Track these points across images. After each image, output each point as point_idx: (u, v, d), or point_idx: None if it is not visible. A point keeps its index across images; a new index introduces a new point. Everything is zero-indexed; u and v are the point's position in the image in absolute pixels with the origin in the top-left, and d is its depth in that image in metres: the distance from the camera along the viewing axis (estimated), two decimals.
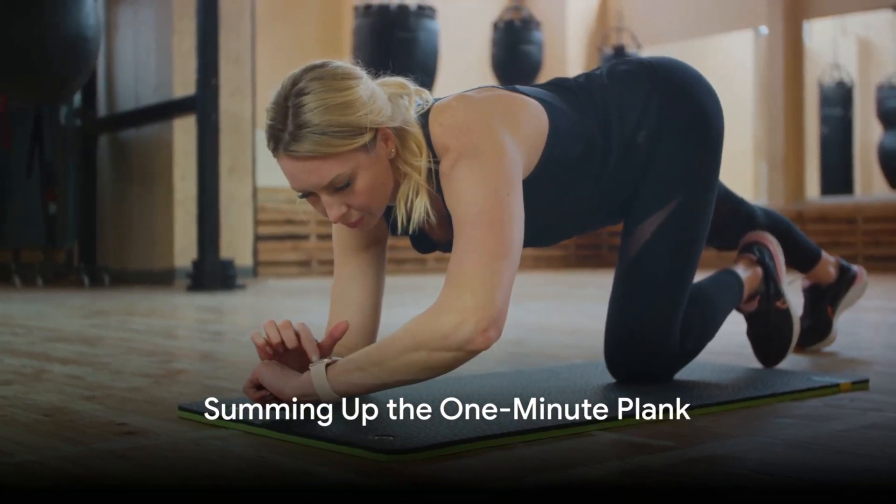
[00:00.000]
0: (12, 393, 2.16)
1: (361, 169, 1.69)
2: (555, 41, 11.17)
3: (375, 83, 1.75)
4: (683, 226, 2.04)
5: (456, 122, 1.74)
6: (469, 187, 1.68)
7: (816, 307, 2.70)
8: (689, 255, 2.05)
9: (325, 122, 1.64)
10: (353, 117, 1.65)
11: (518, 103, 1.84)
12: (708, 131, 2.06)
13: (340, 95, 1.65)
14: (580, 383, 2.08)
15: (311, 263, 8.98)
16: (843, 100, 12.05)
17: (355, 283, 1.97)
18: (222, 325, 4.09)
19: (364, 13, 8.42)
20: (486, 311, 1.60)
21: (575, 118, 1.93)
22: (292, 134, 1.65)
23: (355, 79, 1.69)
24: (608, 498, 1.24)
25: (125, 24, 8.06)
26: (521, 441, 1.56)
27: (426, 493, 1.26)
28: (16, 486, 1.32)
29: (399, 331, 1.66)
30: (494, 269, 1.62)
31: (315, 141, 1.64)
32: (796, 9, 10.30)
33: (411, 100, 1.78)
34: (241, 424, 1.70)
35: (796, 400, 1.96)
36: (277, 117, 1.68)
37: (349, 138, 1.65)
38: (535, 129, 1.83)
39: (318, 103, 1.64)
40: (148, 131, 7.72)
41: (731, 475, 1.35)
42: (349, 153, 1.66)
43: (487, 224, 1.65)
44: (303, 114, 1.64)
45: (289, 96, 1.67)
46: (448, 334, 1.60)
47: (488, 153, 1.70)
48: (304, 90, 1.66)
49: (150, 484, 1.32)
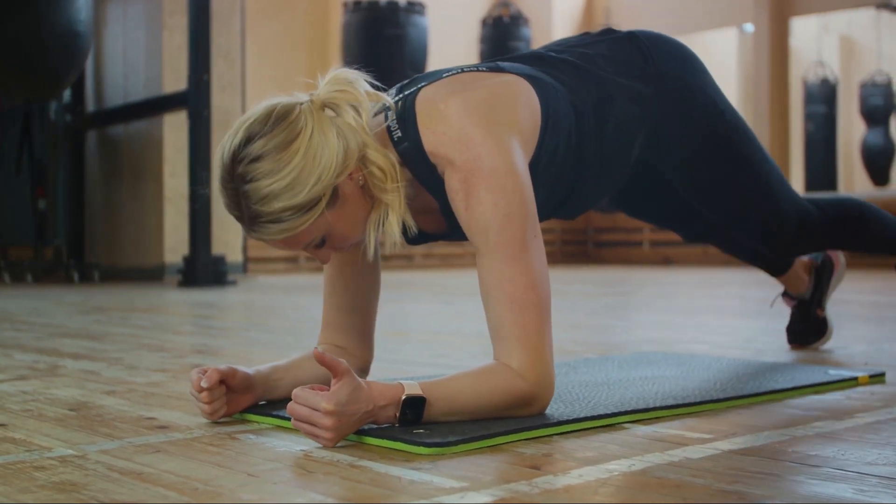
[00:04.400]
0: (32, 388, 2.15)
1: (332, 224, 1.62)
2: (541, 38, 11.18)
3: (319, 105, 1.61)
4: (723, 153, 2.07)
5: (453, 131, 1.63)
6: (488, 213, 1.60)
7: (806, 315, 2.72)
8: (748, 168, 2.10)
9: (278, 209, 1.55)
10: (305, 194, 1.55)
11: (511, 89, 1.73)
12: (695, 61, 2.07)
13: (287, 173, 1.54)
14: (601, 377, 2.09)
15: (298, 259, 8.97)
16: (827, 97, 12.13)
17: (344, 284, 1.90)
18: (224, 321, 4.08)
19: (353, 9, 8.42)
20: (541, 372, 1.60)
21: (562, 91, 1.83)
22: (250, 224, 1.59)
23: (298, 136, 1.56)
24: (656, 490, 1.25)
25: (114, 20, 8.02)
26: (557, 434, 1.58)
27: (474, 487, 1.27)
28: (74, 483, 1.32)
29: (478, 383, 1.60)
30: (530, 318, 1.60)
31: (274, 230, 1.58)
32: (782, 6, 10.35)
33: (363, 111, 1.64)
34: (272, 419, 1.70)
35: (817, 393, 1.98)
36: (229, 201, 1.59)
37: (308, 212, 1.57)
38: (531, 115, 1.73)
39: (266, 191, 1.54)
40: (138, 127, 7.69)
41: (780, 467, 1.36)
42: (314, 222, 1.59)
43: (512, 259, 1.60)
44: (252, 204, 1.56)
45: (232, 178, 1.57)
46: (526, 400, 1.61)
47: (499, 173, 1.60)
48: (246, 176, 1.55)
49: (207, 477, 1.33)
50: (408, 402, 1.52)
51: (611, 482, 1.29)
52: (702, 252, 9.69)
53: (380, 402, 1.51)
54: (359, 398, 1.48)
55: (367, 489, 1.26)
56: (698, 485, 1.26)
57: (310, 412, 1.47)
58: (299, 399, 1.49)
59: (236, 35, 7.77)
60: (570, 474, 1.32)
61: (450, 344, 3.07)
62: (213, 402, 1.69)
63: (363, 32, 8.41)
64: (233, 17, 7.71)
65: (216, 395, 1.70)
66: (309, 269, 8.94)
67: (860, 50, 14.59)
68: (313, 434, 1.49)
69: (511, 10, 9.99)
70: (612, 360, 2.38)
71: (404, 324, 3.72)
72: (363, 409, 1.49)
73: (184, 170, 7.16)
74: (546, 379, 1.60)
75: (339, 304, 1.91)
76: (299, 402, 1.49)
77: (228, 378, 1.70)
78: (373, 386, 1.51)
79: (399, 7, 8.35)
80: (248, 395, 1.75)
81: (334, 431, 1.47)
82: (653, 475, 1.32)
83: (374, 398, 1.50)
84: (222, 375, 1.69)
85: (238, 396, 1.74)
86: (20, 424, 1.73)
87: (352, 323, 1.91)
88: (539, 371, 1.59)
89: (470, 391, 1.58)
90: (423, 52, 8.52)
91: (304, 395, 1.48)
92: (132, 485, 1.29)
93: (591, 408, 1.71)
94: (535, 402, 1.61)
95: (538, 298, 1.61)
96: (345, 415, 1.47)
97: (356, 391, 1.47)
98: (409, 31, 8.42)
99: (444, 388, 1.56)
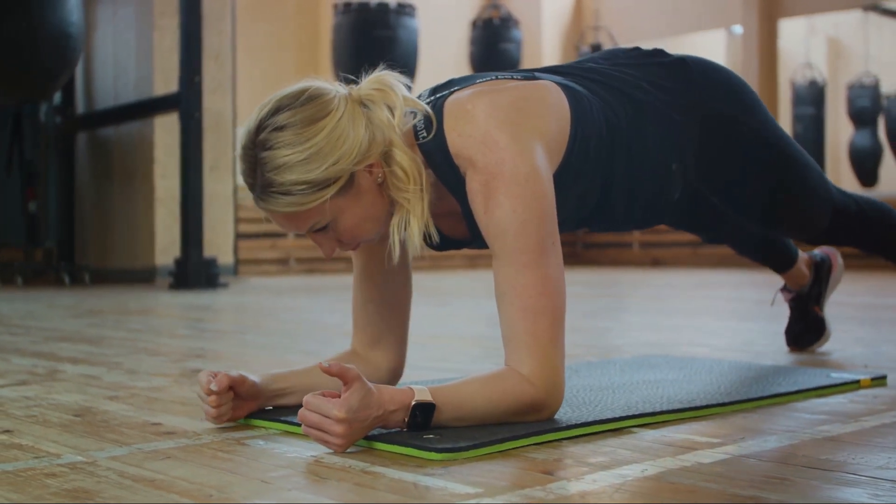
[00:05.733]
0: (33, 393, 2.14)
1: (342, 211, 1.62)
2: (530, 40, 11.20)
3: (356, 98, 1.63)
4: (758, 154, 2.07)
5: (478, 133, 1.62)
6: (506, 218, 1.59)
7: (804, 312, 2.73)
8: (788, 180, 2.12)
9: (290, 181, 1.56)
10: (320, 172, 1.56)
11: (541, 95, 1.72)
12: (741, 89, 2.07)
13: (306, 148, 1.55)
14: (605, 381, 2.09)
15: (289, 262, 8.96)
16: (815, 99, 12.16)
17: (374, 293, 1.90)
18: (219, 323, 4.07)
19: (344, 11, 8.40)
20: (550, 379, 1.60)
21: (597, 103, 1.82)
22: (260, 192, 1.59)
23: (326, 115, 1.58)
24: (671, 496, 1.25)
25: (104, 21, 8.00)
26: (566, 438, 1.58)
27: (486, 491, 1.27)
28: (87, 490, 1.31)
29: (485, 390, 1.59)
30: (543, 326, 1.59)
31: (282, 202, 1.58)
32: (771, 8, 10.39)
33: (397, 112, 1.64)
34: (279, 424, 1.70)
35: (820, 396, 1.99)
36: (245, 167, 1.60)
37: (319, 191, 1.57)
38: (559, 122, 1.72)
39: (281, 161, 1.55)
40: (128, 129, 7.67)
41: (792, 471, 1.36)
42: (323, 203, 1.59)
43: (528, 266, 1.59)
44: (266, 172, 1.56)
45: (254, 145, 1.58)
46: (536, 407, 1.60)
47: (520, 178, 1.59)
48: (266, 143, 1.56)
49: (220, 483, 1.32)
50: (417, 407, 1.52)
51: (625, 487, 1.29)
52: (691, 253, 9.72)
53: (389, 407, 1.51)
54: (370, 403, 1.48)
55: (382, 495, 1.26)
56: (713, 490, 1.26)
57: (321, 419, 1.47)
58: (311, 406, 1.49)
59: (227, 36, 7.75)
60: (583, 479, 1.32)
61: (450, 347, 3.07)
62: (220, 406, 1.69)
63: (353, 34, 8.40)
64: (223, 19, 7.70)
65: (224, 399, 1.69)
66: (300, 271, 8.93)
67: (847, 52, 14.64)
68: (323, 440, 1.49)
69: (501, 11, 9.99)
70: (613, 364, 2.38)
71: None
72: (374, 415, 1.49)
73: (175, 171, 7.14)
74: (555, 386, 1.61)
75: (369, 307, 1.90)
76: (310, 409, 1.48)
77: (238, 385, 1.70)
78: (383, 391, 1.51)
79: (389, 9, 8.34)
80: (251, 403, 1.75)
81: (345, 438, 1.47)
82: (666, 480, 1.32)
83: (384, 403, 1.50)
84: (232, 381, 1.69)
85: (243, 403, 1.74)
86: (26, 430, 1.72)
87: (381, 322, 1.90)
88: (548, 378, 1.59)
89: (479, 397, 1.58)
90: (413, 54, 8.51)
91: (315, 402, 1.48)
92: (146, 492, 1.29)
93: (598, 412, 1.71)
94: (544, 409, 1.61)
95: (552, 306, 1.60)
96: (356, 421, 1.47)
97: (367, 397, 1.47)
98: (400, 33, 8.40)
99: (454, 394, 1.56)
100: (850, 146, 13.03)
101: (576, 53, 11.20)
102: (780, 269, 2.69)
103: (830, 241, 2.35)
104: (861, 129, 12.92)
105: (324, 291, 6.23)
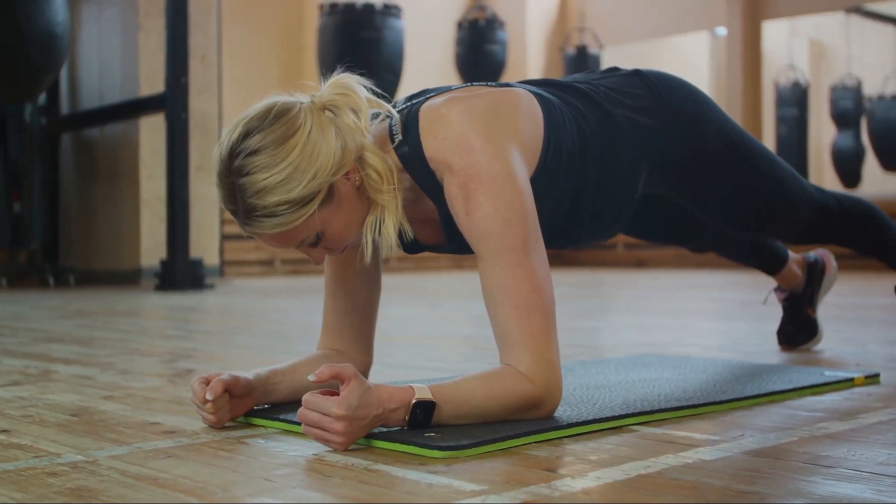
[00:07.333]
0: (28, 393, 2.14)
1: (327, 221, 1.63)
2: (515, 41, 11.21)
3: (319, 106, 1.63)
4: (725, 162, 2.09)
5: (453, 136, 1.64)
6: (488, 218, 1.60)
7: (797, 313, 2.75)
8: (758, 179, 2.13)
9: (273, 203, 1.56)
10: (300, 190, 1.57)
11: (512, 99, 1.75)
12: (697, 93, 2.09)
13: (283, 168, 1.55)
14: (600, 380, 2.10)
15: (273, 263, 8.94)
16: (798, 100, 12.22)
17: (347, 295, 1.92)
18: (207, 324, 4.06)
19: (329, 11, 8.39)
20: (548, 376, 1.60)
21: (568, 112, 1.85)
22: (245, 217, 1.59)
23: (297, 132, 1.58)
24: (674, 492, 1.26)
25: (89, 22, 7.97)
26: (566, 436, 1.58)
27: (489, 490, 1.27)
28: (91, 489, 1.31)
29: (485, 387, 1.59)
30: (536, 322, 1.60)
31: (269, 224, 1.58)
32: (754, 10, 10.43)
33: (362, 115, 1.65)
34: (278, 422, 1.70)
35: (815, 394, 2.00)
36: (225, 194, 1.60)
37: (303, 208, 1.58)
38: (533, 127, 1.74)
39: (261, 185, 1.55)
40: (113, 130, 7.64)
41: (794, 468, 1.37)
42: (309, 218, 1.60)
43: (515, 265, 1.60)
44: (247, 197, 1.57)
45: (230, 172, 1.58)
46: (535, 404, 1.61)
47: (499, 179, 1.61)
48: (242, 169, 1.56)
49: (224, 482, 1.32)
50: (418, 405, 1.52)
51: (629, 484, 1.29)
52: (675, 254, 9.74)
53: (389, 406, 1.51)
54: (369, 402, 1.48)
55: (387, 493, 1.26)
56: (716, 486, 1.27)
57: (321, 417, 1.47)
58: (310, 404, 1.49)
59: (213, 37, 7.73)
60: (587, 476, 1.33)
61: (443, 347, 3.07)
62: (218, 411, 1.69)
63: (339, 35, 8.38)
64: (209, 20, 7.67)
65: (220, 404, 1.69)
66: (285, 272, 8.92)
67: (829, 54, 14.73)
68: (324, 439, 1.49)
69: (486, 13, 10.00)
70: (607, 363, 2.39)
71: (392, 328, 3.72)
72: (373, 413, 1.49)
73: (160, 173, 7.11)
74: (554, 382, 1.61)
75: (340, 307, 1.92)
76: (310, 408, 1.49)
77: (231, 386, 1.70)
78: (382, 389, 1.51)
79: (375, 10, 8.33)
80: (247, 400, 1.75)
81: (345, 436, 1.47)
82: (669, 477, 1.32)
83: (383, 401, 1.50)
84: (226, 385, 1.69)
85: (238, 401, 1.74)
86: (23, 430, 1.71)
87: (351, 326, 1.92)
88: (547, 374, 1.60)
89: (479, 394, 1.58)
90: (399, 55, 8.50)
91: (315, 401, 1.48)
92: (149, 490, 1.28)
93: (597, 410, 1.72)
94: (544, 406, 1.62)
95: (542, 302, 1.62)
96: (356, 419, 1.47)
97: (366, 395, 1.47)
98: (386, 34, 8.39)
99: (454, 391, 1.57)
100: (833, 148, 13.10)
101: (560, 55, 11.21)
102: (770, 272, 2.71)
103: (814, 240, 2.36)
104: (844, 131, 12.99)
105: (309, 292, 6.22)
